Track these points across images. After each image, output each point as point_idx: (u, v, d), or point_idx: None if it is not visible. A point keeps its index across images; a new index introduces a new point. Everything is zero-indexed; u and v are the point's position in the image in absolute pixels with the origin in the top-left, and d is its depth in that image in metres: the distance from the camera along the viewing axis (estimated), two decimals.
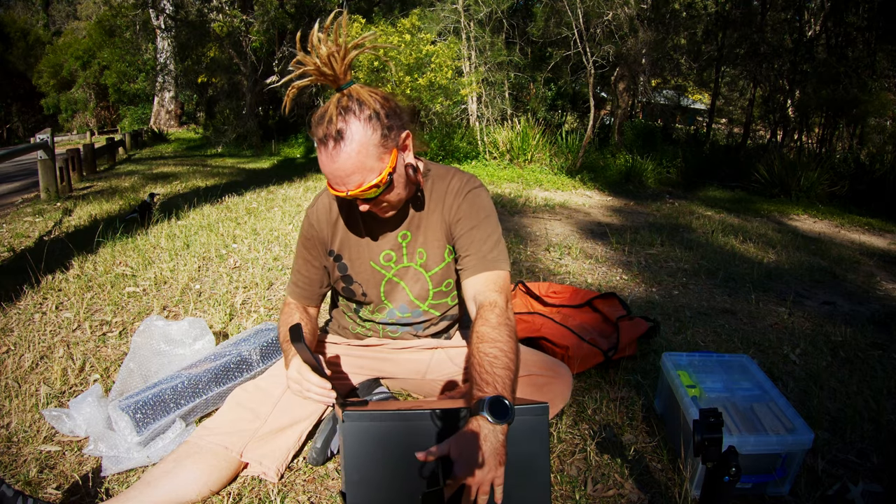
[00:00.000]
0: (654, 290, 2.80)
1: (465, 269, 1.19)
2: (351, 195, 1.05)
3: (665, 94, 14.59)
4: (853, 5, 8.77)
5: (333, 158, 1.02)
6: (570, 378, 1.38)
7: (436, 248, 1.25)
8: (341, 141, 1.01)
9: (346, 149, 1.01)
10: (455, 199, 1.21)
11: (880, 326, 2.46)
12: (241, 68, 13.12)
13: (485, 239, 1.18)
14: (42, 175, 4.76)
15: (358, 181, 1.04)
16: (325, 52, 1.01)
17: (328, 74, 1.03)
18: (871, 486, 1.31)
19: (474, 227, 1.19)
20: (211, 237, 3.27)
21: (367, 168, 1.03)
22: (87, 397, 1.35)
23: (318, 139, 1.03)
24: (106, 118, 21.89)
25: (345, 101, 1.03)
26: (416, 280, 1.28)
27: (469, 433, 0.86)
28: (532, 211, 5.05)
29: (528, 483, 0.93)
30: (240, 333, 1.70)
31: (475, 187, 1.23)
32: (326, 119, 1.02)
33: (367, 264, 1.26)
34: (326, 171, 1.05)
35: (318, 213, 1.26)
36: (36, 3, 27.13)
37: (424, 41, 8.24)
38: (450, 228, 1.23)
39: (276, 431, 1.20)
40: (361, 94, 1.04)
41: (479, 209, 1.20)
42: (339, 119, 1.01)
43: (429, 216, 1.24)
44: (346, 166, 1.02)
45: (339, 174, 1.03)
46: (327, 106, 1.05)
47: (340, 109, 1.02)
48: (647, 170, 8.17)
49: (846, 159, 7.80)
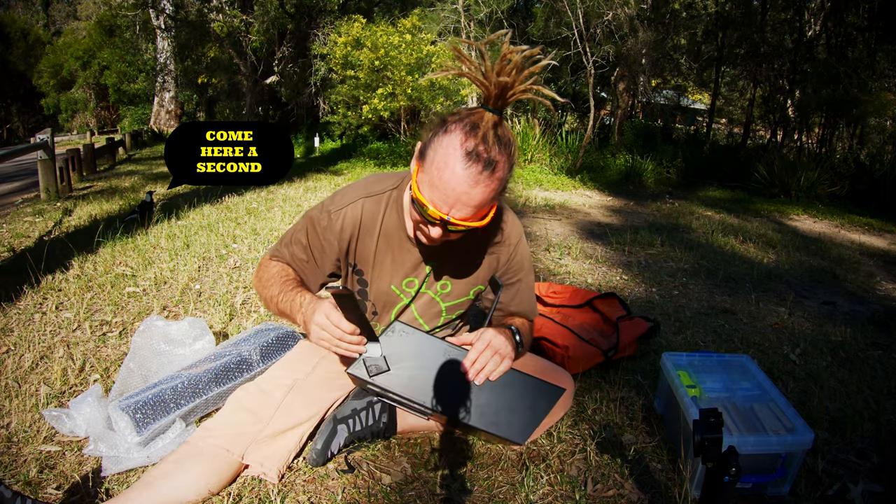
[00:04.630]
0: (654, 290, 2.80)
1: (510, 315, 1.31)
2: (451, 221, 0.97)
3: (665, 94, 14.58)
4: (853, 5, 8.76)
5: (475, 182, 0.93)
6: (572, 386, 1.40)
7: (464, 285, 1.24)
8: (489, 171, 0.93)
9: (489, 182, 0.94)
10: (507, 249, 1.24)
11: (880, 326, 2.46)
12: (241, 68, 13.13)
13: (528, 296, 1.31)
14: (42, 175, 4.76)
15: (467, 214, 0.97)
16: (513, 77, 0.93)
17: (495, 88, 0.94)
18: (871, 486, 1.31)
19: (520, 280, 1.28)
20: (211, 237, 3.27)
21: (482, 208, 0.98)
22: (87, 397, 1.35)
23: (463, 149, 0.93)
24: (106, 118, 21.89)
25: (501, 130, 0.95)
26: (430, 307, 1.27)
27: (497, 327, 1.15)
28: (532, 211, 5.05)
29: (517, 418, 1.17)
30: (240, 333, 1.70)
31: (521, 234, 1.26)
32: (481, 135, 0.93)
33: (387, 286, 1.22)
34: (453, 185, 0.93)
35: (345, 221, 1.17)
36: (36, 3, 27.14)
37: (425, 41, 8.25)
38: (494, 273, 1.25)
39: (277, 434, 1.20)
40: (510, 133, 0.98)
41: (526, 258, 1.28)
42: (497, 148, 0.93)
43: (471, 256, 1.21)
44: (474, 196, 0.95)
45: (462, 199, 0.95)
46: (478, 118, 0.95)
47: (498, 138, 0.94)
48: (647, 170, 8.17)
49: (846, 159, 7.80)
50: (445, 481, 1.26)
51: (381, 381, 1.09)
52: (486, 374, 1.07)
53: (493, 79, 0.93)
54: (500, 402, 1.13)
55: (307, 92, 12.49)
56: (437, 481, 1.26)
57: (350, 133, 10.40)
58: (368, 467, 1.29)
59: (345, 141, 11.69)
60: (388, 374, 1.09)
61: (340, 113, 9.66)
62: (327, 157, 10.63)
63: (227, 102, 14.59)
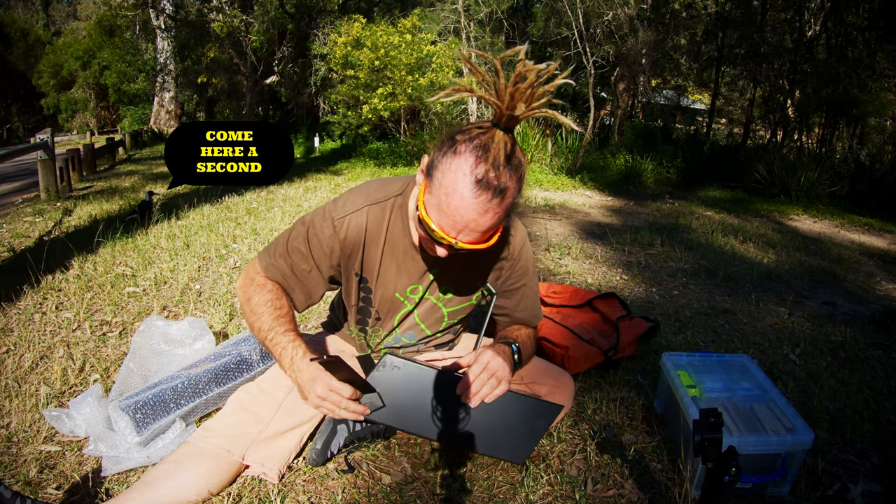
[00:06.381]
0: (654, 290, 2.80)
1: (515, 320, 1.30)
2: (458, 247, 0.95)
3: (665, 94, 14.58)
4: (853, 5, 8.76)
5: (484, 211, 0.90)
6: (572, 387, 1.40)
7: (466, 291, 1.24)
8: (499, 199, 0.90)
9: (498, 210, 0.91)
10: (510, 254, 1.22)
11: (880, 326, 2.46)
12: (240, 68, 13.14)
13: (532, 301, 1.30)
14: (42, 175, 4.76)
15: (475, 238, 0.94)
16: (528, 94, 0.88)
17: (507, 109, 0.88)
18: (871, 486, 1.31)
19: (525, 285, 1.27)
20: (211, 237, 3.28)
21: (490, 232, 0.96)
22: (87, 397, 1.35)
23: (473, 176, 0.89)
24: (106, 118, 21.89)
25: (510, 150, 0.90)
26: (432, 312, 1.26)
27: (498, 347, 1.12)
28: (532, 211, 5.05)
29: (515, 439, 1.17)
30: (240, 333, 1.70)
31: (525, 239, 1.25)
32: (492, 160, 0.88)
33: (391, 294, 1.21)
34: (462, 212, 0.90)
35: (350, 230, 1.13)
36: (36, 3, 27.12)
37: (425, 41, 8.25)
38: (496, 280, 1.25)
39: (277, 434, 1.20)
40: (521, 151, 0.94)
41: (529, 265, 1.27)
42: (507, 173, 0.90)
43: (475, 262, 1.19)
44: (483, 224, 0.92)
45: (471, 226, 0.92)
46: (489, 138, 0.90)
47: (507, 160, 0.90)
48: (647, 170, 8.17)
49: (846, 159, 7.80)
50: (445, 481, 1.26)
51: (378, 416, 1.10)
52: (481, 397, 1.03)
53: (506, 99, 0.88)
54: (497, 424, 1.12)
55: (307, 92, 12.50)
56: (437, 481, 1.26)
57: (350, 133, 10.41)
58: (368, 467, 1.29)
59: (345, 141, 11.70)
60: (384, 409, 1.10)
61: (340, 113, 9.67)
62: (327, 157, 10.63)
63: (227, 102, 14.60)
